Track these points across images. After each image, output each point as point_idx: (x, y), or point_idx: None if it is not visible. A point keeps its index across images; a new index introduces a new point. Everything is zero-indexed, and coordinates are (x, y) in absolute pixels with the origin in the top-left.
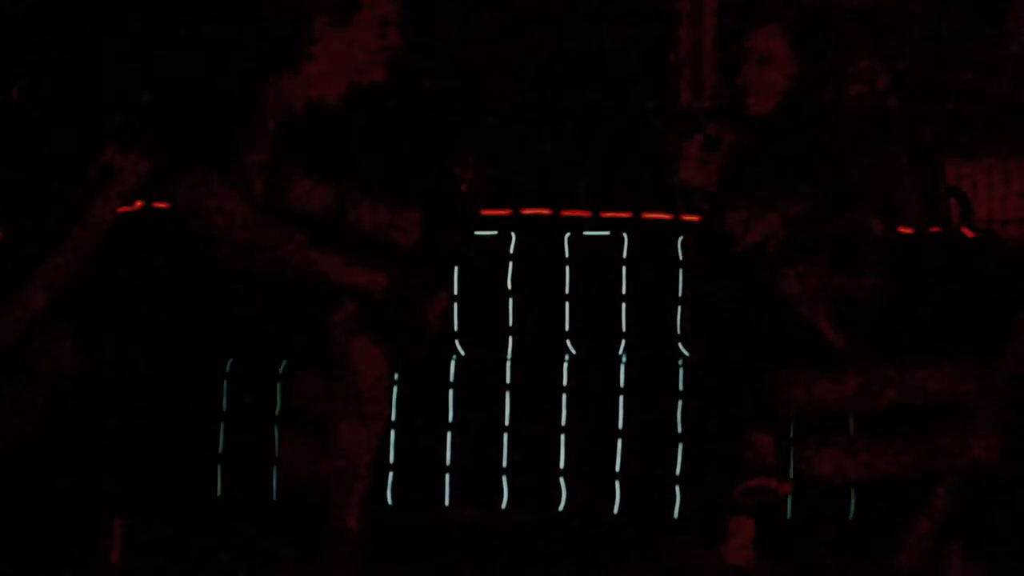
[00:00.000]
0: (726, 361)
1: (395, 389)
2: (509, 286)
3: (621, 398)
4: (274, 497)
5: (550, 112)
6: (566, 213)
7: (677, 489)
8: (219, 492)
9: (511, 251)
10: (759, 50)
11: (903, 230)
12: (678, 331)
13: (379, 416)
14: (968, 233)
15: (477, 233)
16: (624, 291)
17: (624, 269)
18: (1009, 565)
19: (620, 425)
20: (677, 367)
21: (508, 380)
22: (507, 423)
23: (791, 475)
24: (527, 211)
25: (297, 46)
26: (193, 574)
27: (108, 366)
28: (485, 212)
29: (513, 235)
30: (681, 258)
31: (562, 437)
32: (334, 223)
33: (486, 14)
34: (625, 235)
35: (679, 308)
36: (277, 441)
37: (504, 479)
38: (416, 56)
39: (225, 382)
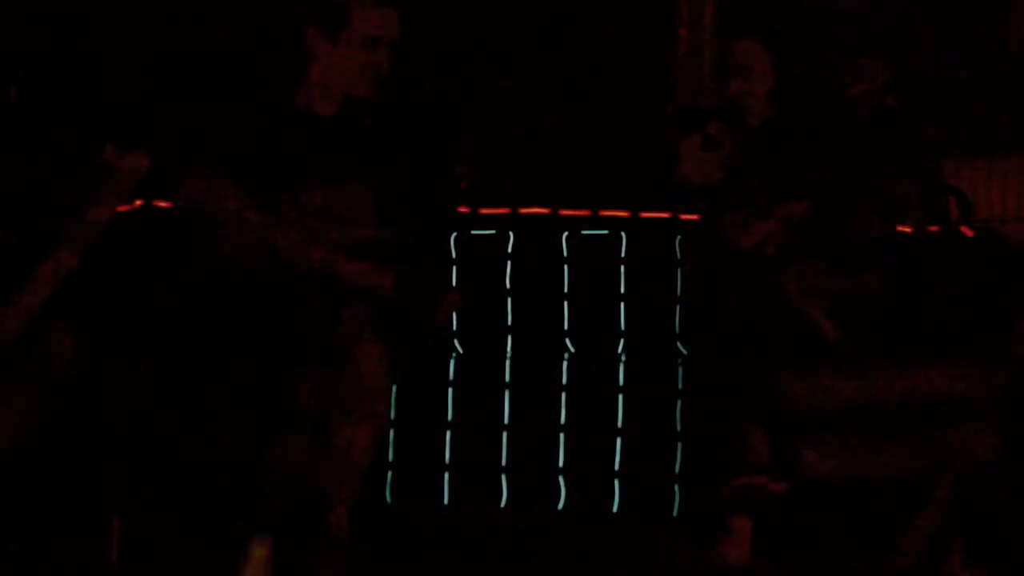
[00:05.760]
0: (726, 361)
1: (395, 388)
2: (508, 285)
3: (620, 397)
4: (274, 497)
5: (550, 112)
6: (565, 212)
7: (676, 488)
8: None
9: (510, 250)
10: (740, 64)
11: (903, 229)
12: (677, 330)
13: (381, 416)
14: (968, 232)
15: (476, 232)
16: (623, 290)
17: (623, 268)
18: (1009, 565)
19: (619, 424)
20: (676, 366)
21: (507, 379)
22: (506, 422)
23: (787, 475)
24: (526, 210)
25: (295, 55)
26: (193, 574)
27: (108, 366)
28: (484, 211)
29: (512, 234)
30: (680, 257)
31: (561, 436)
32: (336, 224)
33: (486, 14)
34: (624, 234)
35: (678, 307)
36: (277, 441)
37: (503, 478)
38: (415, 57)
39: (225, 382)
